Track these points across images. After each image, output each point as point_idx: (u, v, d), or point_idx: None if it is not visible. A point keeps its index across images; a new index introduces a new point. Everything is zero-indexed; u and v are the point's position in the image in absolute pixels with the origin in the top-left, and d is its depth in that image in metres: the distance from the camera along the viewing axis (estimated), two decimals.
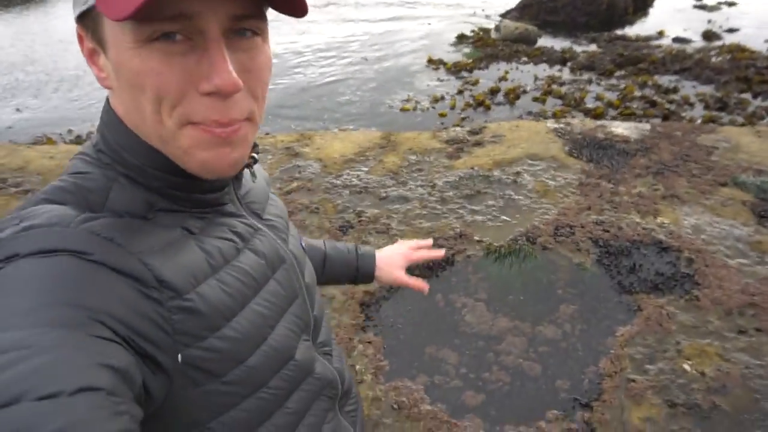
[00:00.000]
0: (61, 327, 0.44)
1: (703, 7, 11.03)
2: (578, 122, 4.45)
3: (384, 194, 3.52)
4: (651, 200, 3.26)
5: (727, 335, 2.33)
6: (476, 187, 3.51)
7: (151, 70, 0.53)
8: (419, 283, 1.13)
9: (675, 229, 2.98)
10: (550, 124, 4.40)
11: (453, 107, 7.42)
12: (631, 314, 2.49)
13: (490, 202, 3.36)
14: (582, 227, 3.04)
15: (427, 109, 7.33)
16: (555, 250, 2.91)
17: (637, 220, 3.08)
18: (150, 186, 0.61)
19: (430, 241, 1.21)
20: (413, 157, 4.01)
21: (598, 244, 2.92)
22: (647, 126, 4.31)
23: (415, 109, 7.31)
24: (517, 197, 3.39)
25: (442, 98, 7.69)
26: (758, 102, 6.83)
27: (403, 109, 7.35)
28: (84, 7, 0.55)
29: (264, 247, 0.70)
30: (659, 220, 3.07)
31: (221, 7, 0.52)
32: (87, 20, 0.56)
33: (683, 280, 2.63)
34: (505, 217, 3.20)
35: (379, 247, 1.21)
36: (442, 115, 7.05)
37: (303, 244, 0.88)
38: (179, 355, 0.54)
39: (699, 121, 6.41)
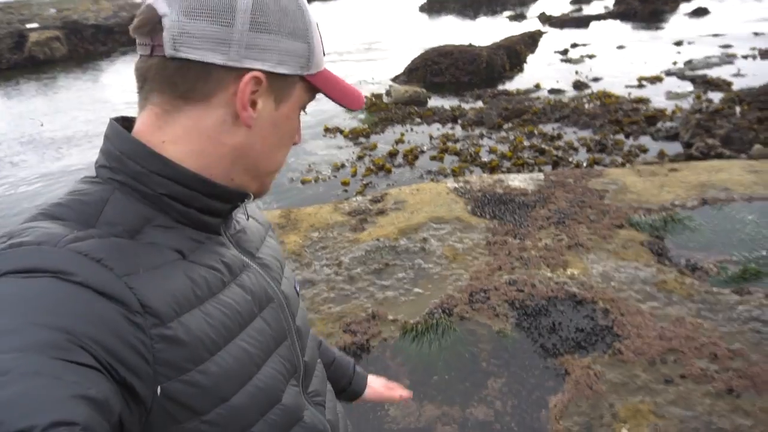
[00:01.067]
0: (40, 352, 0.42)
1: (568, 61, 12.13)
2: (477, 179, 4.49)
3: None
4: (558, 252, 3.25)
5: (656, 387, 2.26)
6: (384, 260, 3.34)
7: (298, 129, 0.74)
8: (403, 393, 1.19)
9: (585, 280, 2.95)
10: (450, 184, 4.40)
11: (354, 174, 7.36)
12: (560, 380, 2.36)
13: (401, 275, 3.18)
14: (496, 290, 2.93)
15: (329, 177, 7.21)
16: (473, 318, 2.76)
17: (548, 274, 3.03)
18: (149, 196, 0.61)
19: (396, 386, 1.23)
20: (316, 234, 3.79)
21: (515, 306, 2.81)
22: (541, 176, 4.43)
23: (317, 180, 7.17)
24: (426, 266, 3.25)
25: (343, 166, 7.63)
26: (631, 141, 7.42)
27: (303, 181, 7.17)
28: (290, 72, 0.67)
29: (251, 283, 0.69)
30: (569, 271, 3.04)
31: None
32: (278, 79, 0.66)
33: (603, 334, 2.56)
34: (417, 290, 3.03)
35: None
36: (344, 183, 6.95)
37: (298, 288, 0.86)
38: (159, 387, 0.52)
39: (585, 163, 6.82)
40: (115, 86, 14.23)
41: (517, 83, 10.82)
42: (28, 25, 19.41)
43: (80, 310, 0.48)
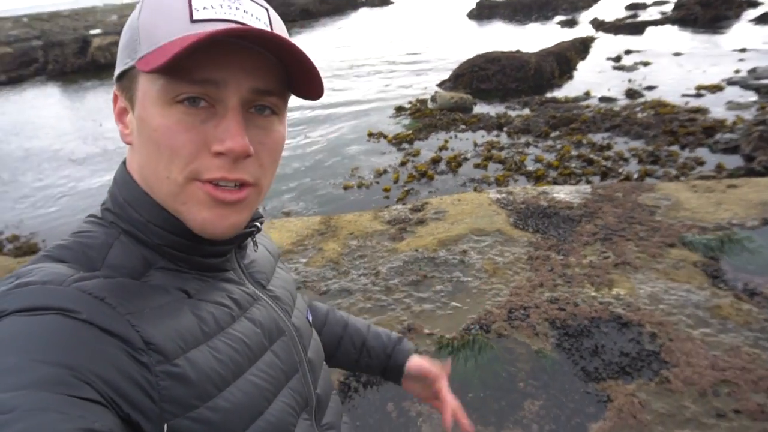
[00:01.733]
0: (44, 388, 0.43)
1: (621, 68, 11.74)
2: (520, 190, 4.38)
3: (324, 288, 3.24)
4: (603, 270, 3.12)
5: (706, 422, 2.12)
6: (422, 272, 3.29)
7: (169, 129, 0.57)
8: (460, 418, 1.01)
9: (632, 301, 2.82)
10: (493, 194, 4.31)
11: (396, 180, 7.35)
12: (602, 406, 2.25)
13: (438, 287, 3.13)
14: (536, 307, 2.84)
15: (371, 184, 7.23)
16: (511, 336, 2.68)
17: (592, 293, 2.91)
18: (151, 243, 0.61)
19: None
20: (354, 243, 3.79)
21: (555, 325, 2.71)
22: (588, 188, 4.28)
23: (360, 186, 7.19)
24: (465, 279, 3.18)
25: (386, 171, 7.63)
26: (686, 153, 7.09)
27: (345, 186, 7.21)
28: (125, 67, 0.60)
29: (261, 316, 0.68)
30: (614, 291, 2.91)
31: (245, 80, 0.58)
32: (124, 80, 0.61)
33: (650, 359, 2.43)
34: (455, 303, 2.97)
35: None
36: (386, 190, 6.95)
37: (310, 319, 0.84)
38: (165, 425, 0.52)
39: (636, 175, 6.56)
40: None
41: (566, 91, 10.56)
42: (92, 31, 20.45)
43: (84, 347, 0.48)
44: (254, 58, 0.58)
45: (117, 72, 0.63)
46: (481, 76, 11.35)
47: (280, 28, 0.64)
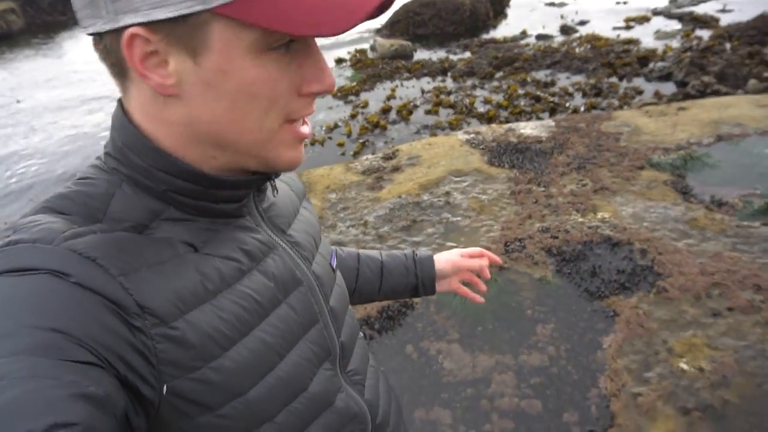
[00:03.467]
0: (36, 354, 0.41)
1: (552, 4, 11.93)
2: (487, 129, 4.43)
3: None
4: (585, 197, 3.24)
5: (705, 321, 2.30)
6: (410, 217, 3.30)
7: (269, 78, 0.53)
8: (473, 294, 1.08)
9: (617, 222, 2.96)
10: (462, 136, 4.34)
11: (349, 134, 7.24)
12: (610, 321, 2.39)
13: (430, 230, 3.16)
14: (530, 238, 2.93)
15: (324, 140, 7.07)
16: (512, 268, 2.76)
17: (580, 219, 3.04)
18: (156, 190, 0.57)
19: (480, 250, 1.10)
20: (333, 196, 3.72)
21: (552, 252, 2.81)
22: (551, 122, 4.39)
23: (313, 143, 7.02)
24: (455, 219, 3.22)
25: (336, 126, 7.48)
26: (625, 83, 7.39)
27: None
28: (188, 11, 0.49)
29: (276, 267, 0.64)
30: (600, 215, 3.04)
31: None
32: (176, 26, 0.50)
33: (645, 273, 2.59)
34: (450, 243, 3.01)
35: None
36: (340, 144, 6.83)
37: (334, 264, 0.80)
38: (164, 386, 0.50)
39: (582, 108, 6.79)
40: (80, 57, 13.62)
41: (502, 31, 10.63)
42: None
43: (76, 310, 0.45)
44: None
45: (163, 16, 0.50)
46: (417, 22, 11.21)
47: None
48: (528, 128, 4.32)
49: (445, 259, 1.07)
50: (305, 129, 0.60)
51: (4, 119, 9.95)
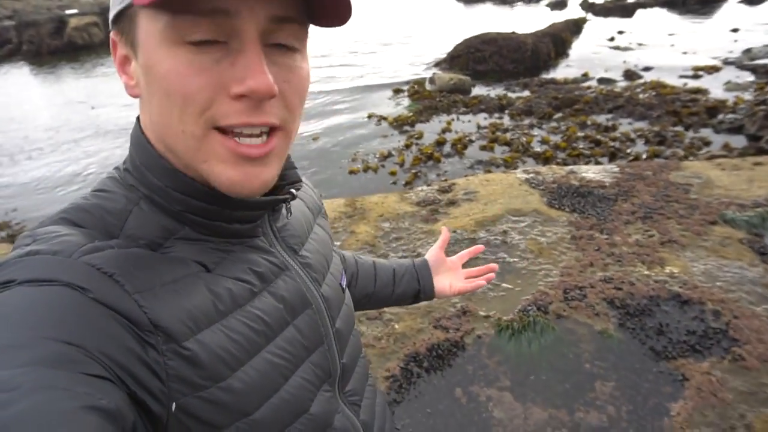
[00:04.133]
0: (50, 365, 0.41)
1: (616, 48, 11.75)
2: (547, 170, 4.32)
3: None
4: (651, 248, 3.08)
5: None
6: None
7: (179, 74, 0.50)
8: (478, 282, 1.13)
9: (687, 279, 2.78)
10: (521, 174, 4.24)
11: (402, 163, 7.24)
12: (678, 385, 2.21)
13: None
14: (592, 287, 2.78)
15: (378, 167, 7.10)
16: (571, 317, 2.62)
17: (646, 272, 2.87)
18: (171, 211, 0.58)
19: (480, 248, 1.20)
20: (387, 225, 3.68)
21: (615, 305, 2.66)
22: (615, 168, 4.24)
23: (366, 169, 7.05)
24: (512, 260, 3.11)
25: (390, 155, 7.51)
26: (691, 133, 7.12)
27: (351, 171, 7.06)
28: (121, 6, 0.53)
29: (286, 289, 0.64)
30: (668, 269, 2.87)
31: (260, 7, 0.49)
32: (123, 22, 0.54)
33: (718, 337, 2.40)
34: (506, 285, 2.90)
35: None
36: (392, 173, 6.84)
37: (344, 284, 0.79)
38: (173, 404, 0.50)
39: (644, 155, 6.57)
40: None
41: (564, 72, 10.53)
42: (68, 11, 19.69)
43: (90, 324, 0.46)
44: None
45: (112, 13, 0.55)
46: (478, 58, 11.25)
47: None
48: (590, 172, 4.19)
49: (432, 262, 1.14)
50: (252, 150, 0.53)
51: (78, 122, 10.53)
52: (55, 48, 17.92)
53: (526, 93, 9.50)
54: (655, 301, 2.65)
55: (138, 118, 0.61)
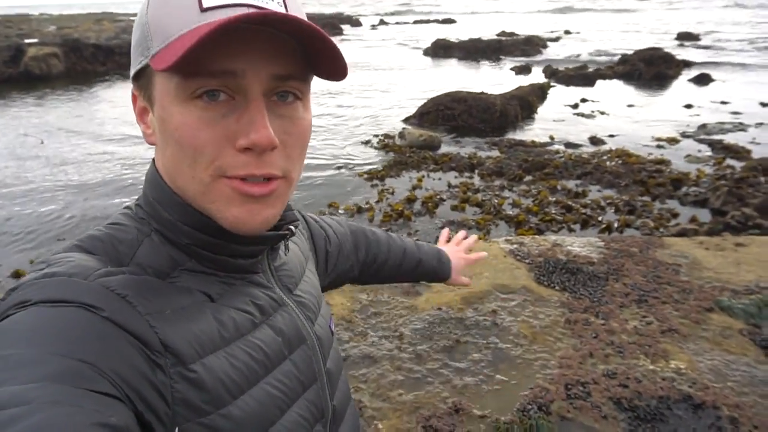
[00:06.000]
0: (62, 381, 0.42)
1: (580, 115, 12.10)
2: (531, 241, 4.13)
3: (343, 353, 2.78)
4: (652, 338, 2.86)
5: None
6: (453, 335, 2.91)
7: (189, 128, 0.55)
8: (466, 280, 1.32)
9: (696, 377, 2.56)
10: (504, 245, 4.03)
11: (372, 219, 7.00)
12: None
13: (476, 356, 2.76)
14: (595, 383, 2.52)
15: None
16: (576, 420, 2.34)
17: (650, 366, 2.64)
18: (179, 243, 0.61)
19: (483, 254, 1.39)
20: (364, 297, 3.36)
21: (623, 406, 2.40)
22: (601, 243, 4.10)
23: None
24: (504, 346, 2.83)
25: (360, 209, 7.27)
26: (658, 204, 7.21)
27: None
28: (139, 66, 0.59)
29: (284, 324, 0.67)
30: (673, 364, 2.65)
31: (264, 67, 0.55)
32: (142, 79, 0.60)
33: None
34: (500, 377, 2.60)
35: None
36: None
37: (333, 327, 0.82)
38: (177, 429, 0.52)
39: (616, 224, 6.55)
40: (110, 107, 13.80)
41: (530, 134, 10.69)
42: (27, 40, 19.02)
43: (103, 343, 0.47)
44: (272, 43, 0.55)
45: (132, 71, 0.61)
46: (447, 115, 11.33)
47: (296, 8, 0.59)
48: (576, 245, 4.02)
49: (459, 268, 1.28)
50: (255, 189, 0.57)
51: (27, 154, 9.87)
52: (9, 76, 17.14)
53: (496, 153, 9.54)
54: (666, 402, 2.41)
55: (153, 160, 0.65)
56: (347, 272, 1.07)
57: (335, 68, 0.58)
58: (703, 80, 15.63)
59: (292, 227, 0.71)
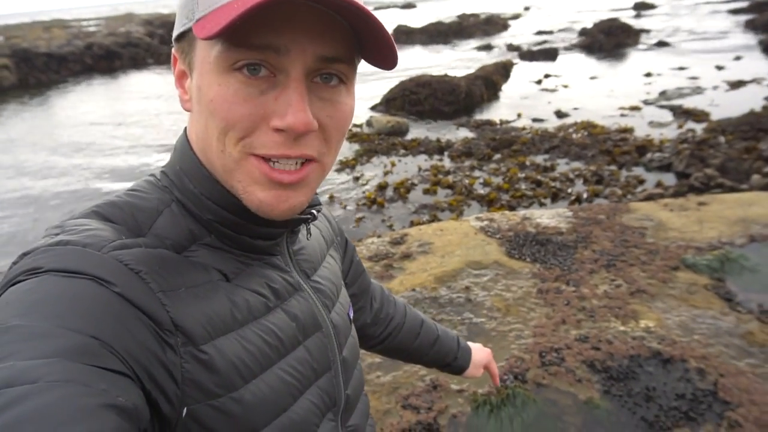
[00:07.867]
0: (70, 358, 0.41)
1: (545, 90, 12.23)
2: (501, 216, 4.17)
3: None
4: (621, 300, 2.93)
5: None
6: (427, 314, 2.93)
7: (225, 101, 0.53)
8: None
9: (664, 333, 2.63)
10: (475, 222, 4.06)
11: (344, 207, 6.98)
12: None
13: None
14: (568, 348, 2.57)
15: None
16: (552, 385, 2.38)
17: (621, 327, 2.70)
18: (201, 217, 0.60)
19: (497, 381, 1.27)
20: None
21: (596, 368, 2.45)
22: (569, 213, 4.16)
23: None
24: (478, 320, 2.86)
25: (331, 198, 7.25)
26: (625, 172, 7.34)
27: None
28: (183, 29, 0.56)
29: (299, 309, 0.66)
30: (643, 323, 2.72)
31: (310, 46, 0.52)
32: (183, 42, 0.57)
33: (708, 400, 2.23)
34: None
35: None
36: None
37: (351, 315, 0.81)
38: (185, 409, 0.51)
39: (585, 195, 6.66)
40: (66, 117, 13.42)
41: (497, 113, 10.77)
42: None
43: (113, 319, 0.46)
44: (321, 21, 0.52)
45: (175, 33, 0.59)
46: (413, 100, 11.32)
47: None
48: (544, 217, 4.08)
49: (478, 360, 1.17)
50: (284, 176, 0.55)
51: None
52: None
53: (464, 134, 9.58)
54: (637, 361, 2.47)
55: (185, 129, 0.64)
56: (360, 310, 1.00)
57: (385, 55, 0.56)
58: (660, 45, 15.91)
59: (314, 211, 0.69)
